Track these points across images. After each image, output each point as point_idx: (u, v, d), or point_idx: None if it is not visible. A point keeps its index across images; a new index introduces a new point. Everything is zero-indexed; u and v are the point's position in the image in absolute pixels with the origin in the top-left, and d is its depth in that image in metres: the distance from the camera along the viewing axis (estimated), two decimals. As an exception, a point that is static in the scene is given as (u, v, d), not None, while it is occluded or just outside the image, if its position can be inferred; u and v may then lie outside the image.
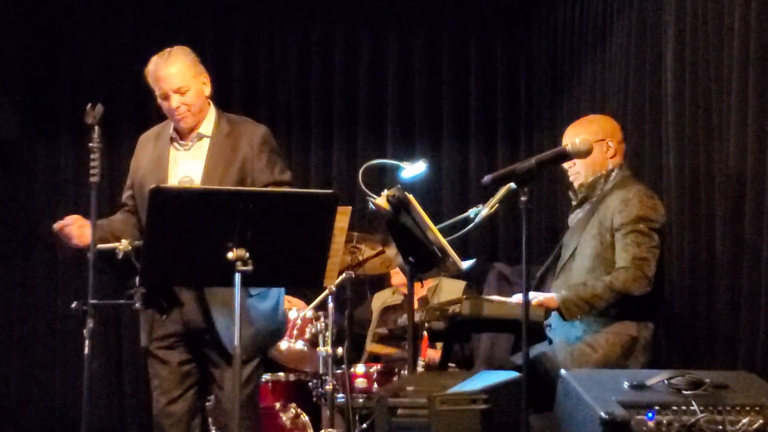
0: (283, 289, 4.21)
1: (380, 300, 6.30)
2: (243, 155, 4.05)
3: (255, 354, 4.06)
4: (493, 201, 4.13)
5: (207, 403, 4.39)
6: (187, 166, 4.10)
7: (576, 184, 4.46)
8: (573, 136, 4.18)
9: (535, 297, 4.17)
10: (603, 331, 4.18)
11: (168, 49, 4.14)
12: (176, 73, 4.04)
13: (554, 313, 4.29)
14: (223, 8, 7.15)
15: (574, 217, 4.48)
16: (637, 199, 4.24)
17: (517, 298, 4.20)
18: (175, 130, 4.15)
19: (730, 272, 4.38)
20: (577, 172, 4.44)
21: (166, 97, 4.07)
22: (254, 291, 3.96)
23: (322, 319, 5.29)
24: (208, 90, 4.15)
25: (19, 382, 6.90)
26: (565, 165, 4.40)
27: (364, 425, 5.38)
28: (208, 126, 4.13)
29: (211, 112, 4.15)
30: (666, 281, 4.78)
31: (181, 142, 4.14)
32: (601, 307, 4.14)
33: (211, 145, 4.08)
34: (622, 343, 4.16)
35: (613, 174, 4.39)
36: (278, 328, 4.24)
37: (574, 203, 4.50)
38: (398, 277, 6.19)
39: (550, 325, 4.31)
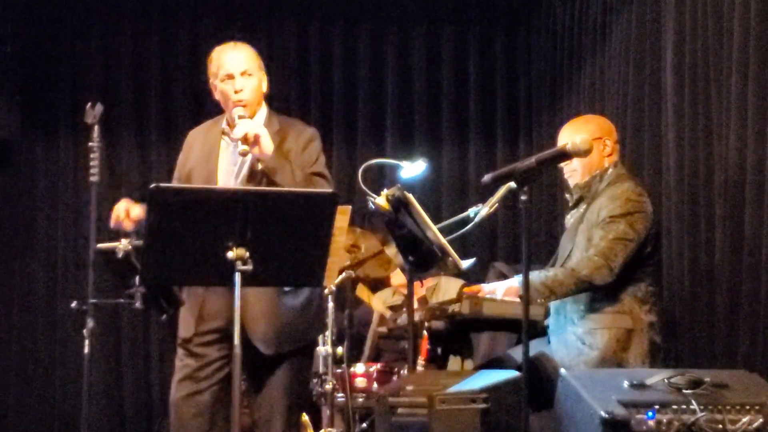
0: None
1: (380, 300, 6.30)
2: (288, 149, 4.03)
3: (282, 349, 3.99)
4: (493, 200, 4.11)
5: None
6: (235, 159, 4.03)
7: (571, 183, 4.43)
8: (569, 136, 4.14)
9: (496, 288, 4.19)
10: (599, 328, 4.16)
11: (232, 41, 4.15)
12: (244, 57, 4.05)
13: (552, 314, 4.29)
14: (223, 8, 7.15)
15: (570, 218, 4.46)
16: (625, 197, 4.22)
17: (509, 282, 4.22)
18: (228, 124, 4.10)
19: (730, 272, 4.37)
20: (573, 169, 4.40)
21: (230, 78, 4.03)
22: (287, 287, 3.96)
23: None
24: (265, 86, 4.13)
25: (19, 381, 6.90)
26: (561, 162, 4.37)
27: (364, 424, 5.38)
28: (259, 122, 4.08)
29: (263, 110, 4.13)
30: (665, 280, 4.79)
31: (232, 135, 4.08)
32: (563, 294, 4.13)
33: None
34: (618, 336, 4.14)
35: (609, 172, 4.36)
36: (311, 324, 4.16)
37: (570, 204, 4.48)
38: (398, 278, 6.19)
39: (548, 326, 4.31)
